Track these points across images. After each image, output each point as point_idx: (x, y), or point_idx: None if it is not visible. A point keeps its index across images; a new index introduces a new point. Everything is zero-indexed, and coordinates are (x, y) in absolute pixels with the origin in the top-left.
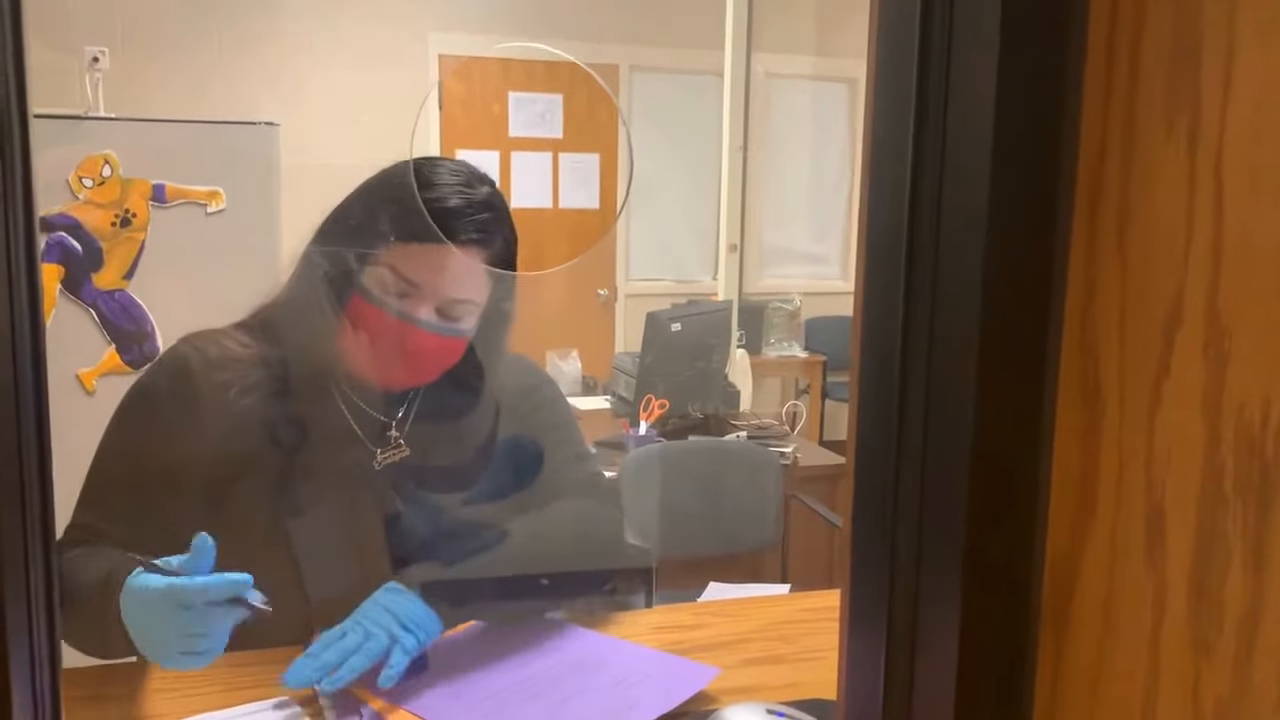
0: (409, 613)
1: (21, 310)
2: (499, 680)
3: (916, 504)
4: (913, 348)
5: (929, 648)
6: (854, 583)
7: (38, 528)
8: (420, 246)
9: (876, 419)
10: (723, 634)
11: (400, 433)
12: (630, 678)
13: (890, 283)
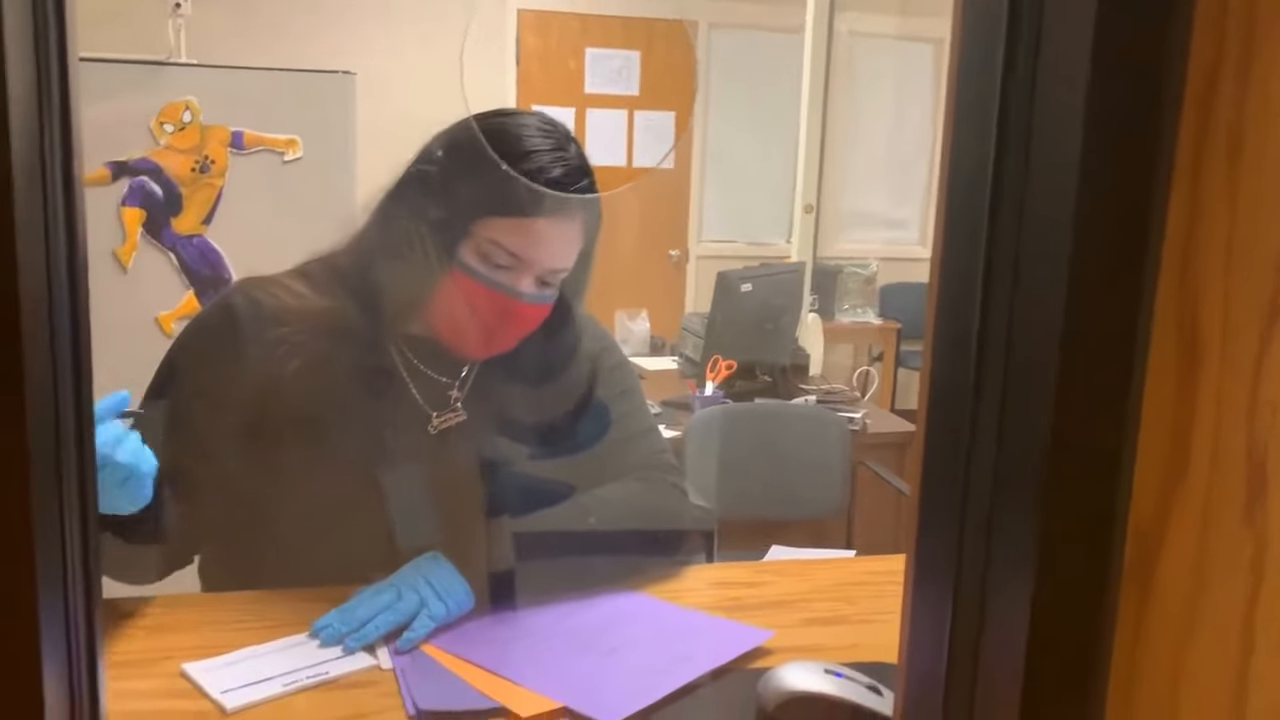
0: (443, 582)
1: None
2: (547, 628)
3: (991, 463)
4: (994, 294)
5: (999, 614)
6: (920, 545)
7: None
8: (527, 221)
9: (951, 372)
10: (782, 593)
11: (460, 394)
12: (680, 634)
13: (972, 225)
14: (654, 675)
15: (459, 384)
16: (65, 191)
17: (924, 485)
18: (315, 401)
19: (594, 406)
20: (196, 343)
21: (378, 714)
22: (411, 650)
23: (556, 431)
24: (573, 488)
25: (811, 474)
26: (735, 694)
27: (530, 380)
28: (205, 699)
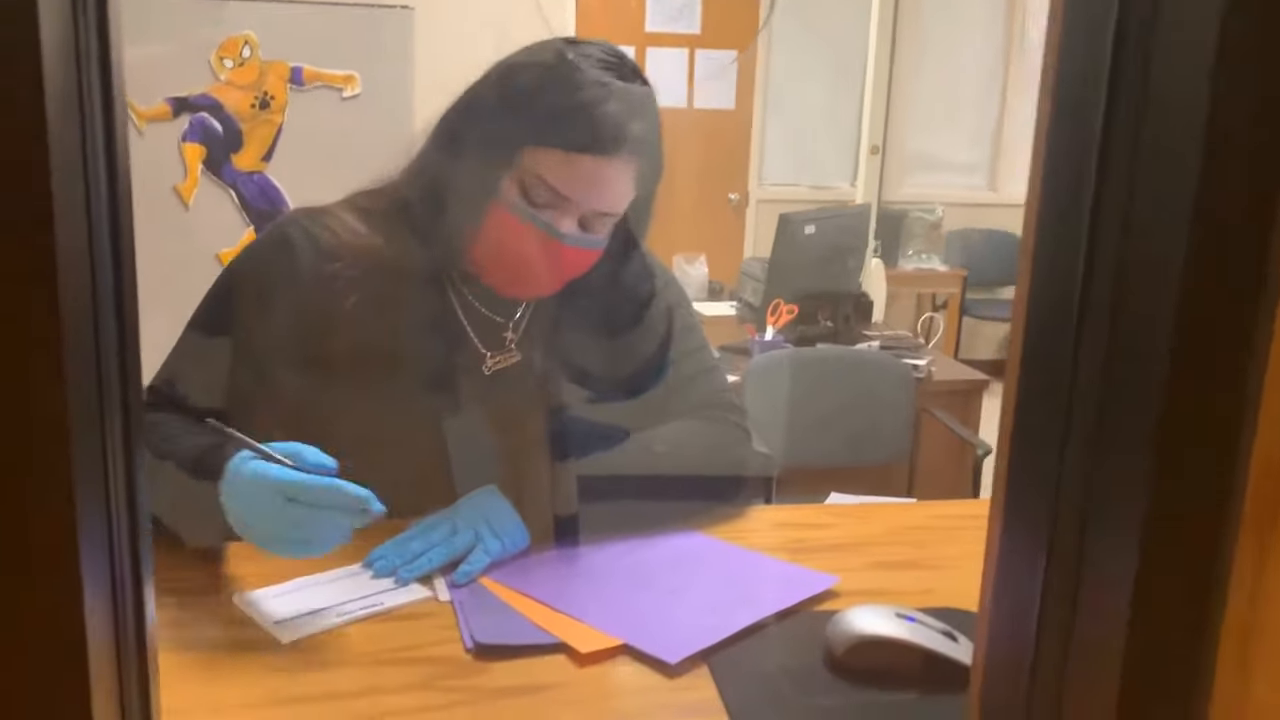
0: (499, 519)
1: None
2: (606, 565)
3: (1094, 404)
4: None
5: (1099, 562)
6: (1011, 485)
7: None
8: (574, 156)
9: (1052, 293)
10: (847, 536)
11: (514, 335)
12: (743, 576)
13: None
14: (717, 616)
15: (513, 325)
16: (105, 123)
17: (1018, 422)
18: (371, 338)
19: (654, 345)
20: (253, 270)
21: (434, 645)
22: (468, 584)
23: (615, 372)
24: (631, 428)
25: (873, 421)
26: (801, 637)
27: (588, 321)
28: (259, 629)
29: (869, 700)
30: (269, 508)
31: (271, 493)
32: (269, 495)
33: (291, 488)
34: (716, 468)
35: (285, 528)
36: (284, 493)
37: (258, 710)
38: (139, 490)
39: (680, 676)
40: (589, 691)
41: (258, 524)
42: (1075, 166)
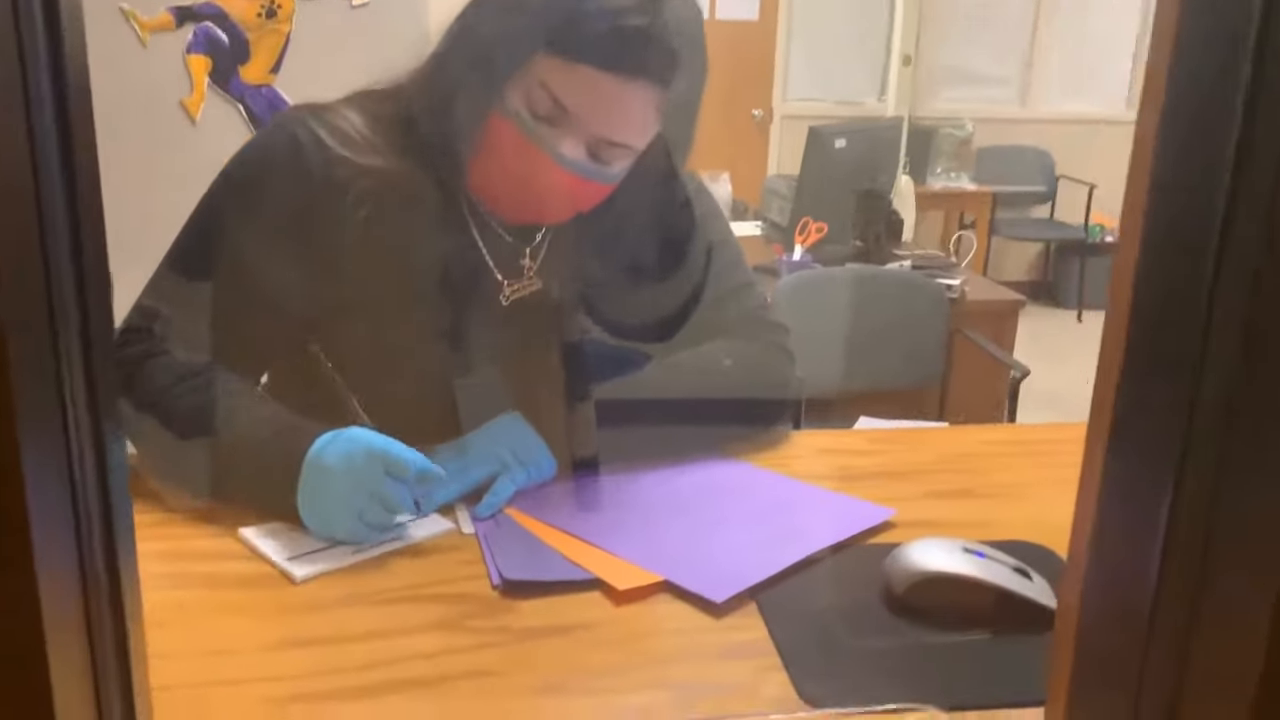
0: (525, 447)
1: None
2: (642, 496)
3: (1238, 317)
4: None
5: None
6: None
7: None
8: (583, 68)
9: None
10: (898, 463)
11: (533, 263)
12: (790, 508)
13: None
14: (764, 550)
15: (530, 251)
16: (50, 32)
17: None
18: (382, 257)
19: (686, 260)
20: (257, 174)
21: (458, 582)
22: (492, 516)
23: (644, 295)
24: (663, 350)
25: (904, 344)
26: (857, 573)
27: (614, 253)
28: (269, 566)
29: (933, 642)
30: (364, 479)
31: (374, 462)
32: (370, 465)
33: (397, 463)
34: (756, 390)
35: (370, 505)
36: (388, 466)
37: (268, 654)
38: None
39: (726, 616)
40: (626, 632)
41: (341, 498)
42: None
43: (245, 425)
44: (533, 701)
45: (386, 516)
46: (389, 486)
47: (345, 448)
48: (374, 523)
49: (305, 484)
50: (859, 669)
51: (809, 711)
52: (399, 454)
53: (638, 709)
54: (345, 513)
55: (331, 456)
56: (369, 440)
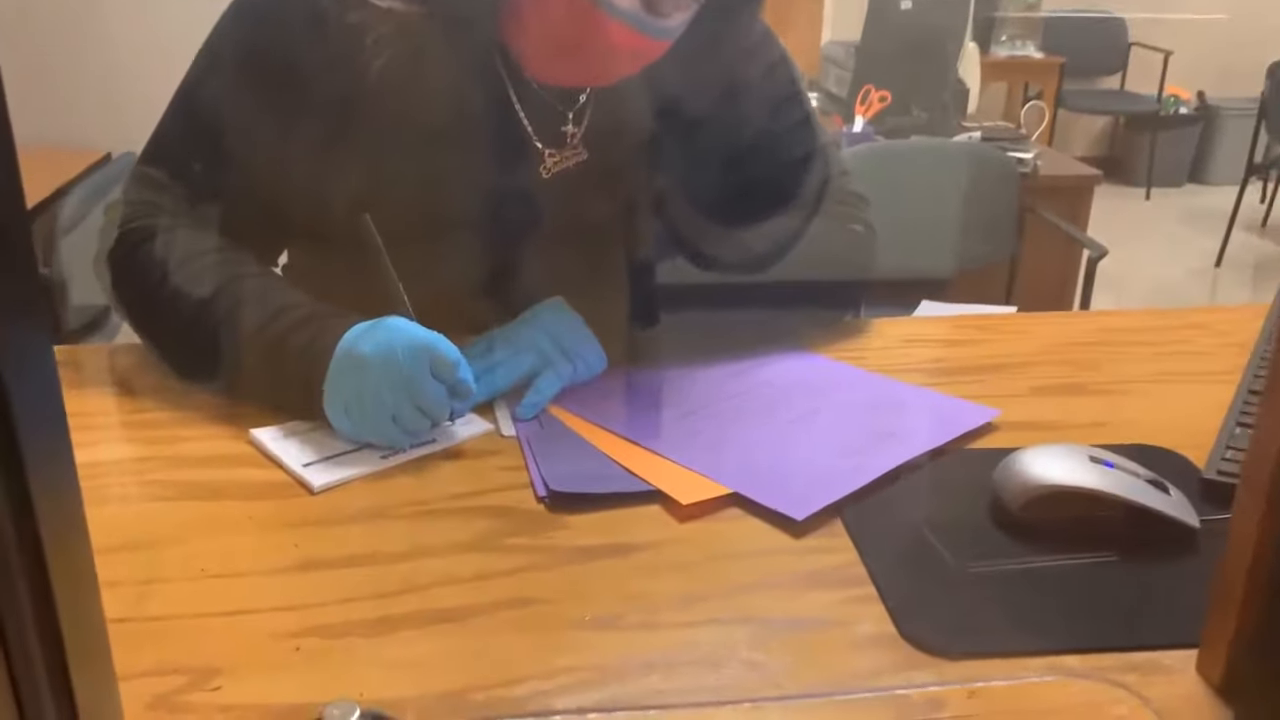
0: (570, 338)
1: None
2: (705, 395)
3: None
4: None
5: None
6: None
7: None
8: None
9: None
10: (995, 354)
11: (577, 129)
12: (876, 408)
13: None
14: (851, 458)
15: (573, 116)
16: None
17: None
18: (401, 114)
19: (753, 120)
20: (262, 14)
21: (496, 493)
22: (535, 416)
23: (704, 164)
24: (730, 227)
25: (971, 222)
26: (960, 485)
27: (668, 106)
28: (283, 473)
29: (1053, 566)
30: (404, 375)
31: (417, 357)
32: (418, 359)
33: (446, 362)
34: (835, 270)
35: (406, 406)
36: (433, 363)
37: (281, 576)
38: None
39: (807, 536)
40: (691, 554)
41: (374, 395)
42: None
43: (265, 309)
44: (583, 636)
45: (422, 420)
46: (431, 387)
47: (384, 338)
48: (410, 428)
49: (334, 377)
50: (969, 601)
51: (932, 682)
52: (446, 350)
53: (707, 647)
54: (378, 412)
55: (367, 346)
56: (411, 332)
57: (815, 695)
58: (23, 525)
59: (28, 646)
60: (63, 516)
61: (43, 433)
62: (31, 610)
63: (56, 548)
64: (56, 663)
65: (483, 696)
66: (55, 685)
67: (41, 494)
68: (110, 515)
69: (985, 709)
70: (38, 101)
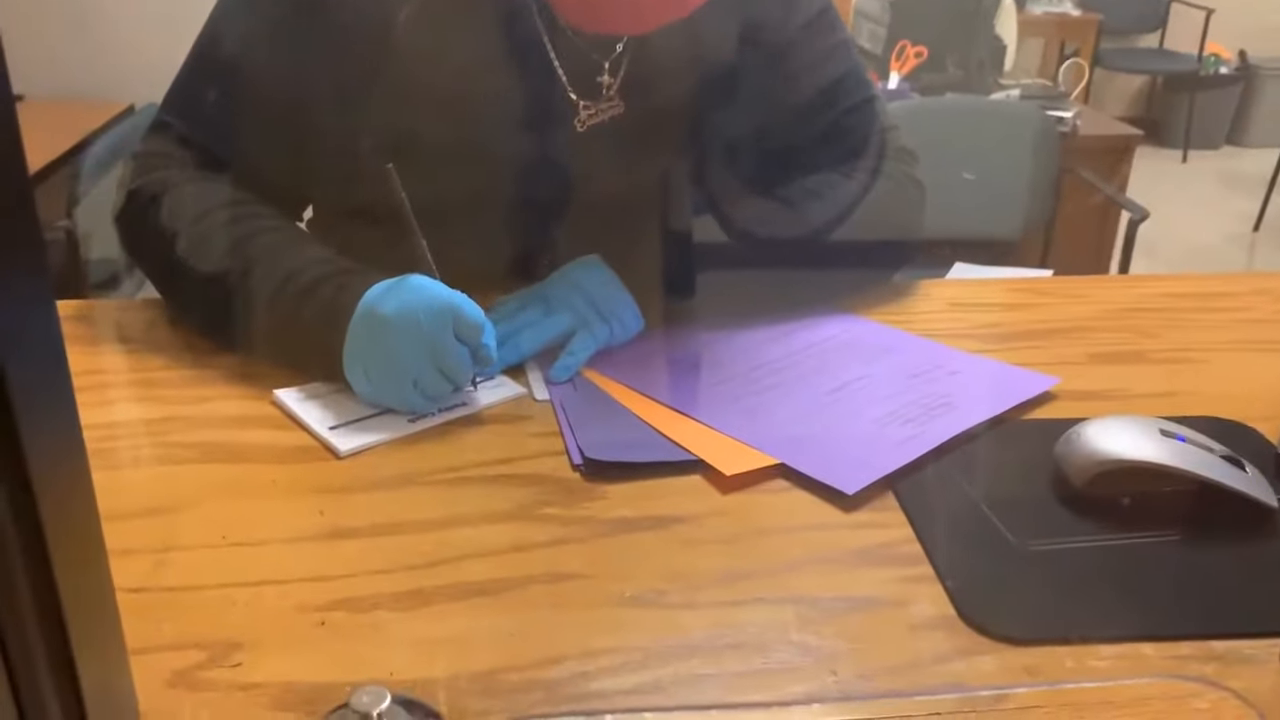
0: (606, 298)
1: None
2: (746, 359)
3: None
4: None
5: None
6: None
7: None
8: None
9: None
10: (1050, 318)
11: (613, 81)
12: (929, 375)
13: None
14: (901, 428)
15: (609, 66)
16: None
17: None
18: (429, 59)
19: (797, 70)
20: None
21: (532, 460)
22: (570, 380)
23: (746, 115)
24: (772, 183)
25: (1009, 182)
26: (1019, 458)
27: (708, 56)
28: (307, 437)
29: (1121, 546)
30: (426, 338)
31: (440, 319)
32: (441, 320)
33: (471, 324)
34: (882, 229)
35: (428, 370)
36: (457, 325)
37: (306, 545)
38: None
39: (859, 510)
40: (736, 527)
41: (395, 357)
42: None
43: (282, 266)
44: (623, 615)
45: (445, 385)
46: (454, 350)
47: (406, 298)
48: (431, 392)
49: (354, 338)
50: (1032, 582)
51: (997, 669)
52: (470, 311)
53: (754, 628)
54: (400, 376)
55: (389, 307)
56: (435, 292)
57: (880, 695)
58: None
59: (23, 623)
60: (64, 481)
61: (40, 391)
62: (28, 583)
63: (56, 515)
64: (57, 640)
65: (517, 678)
66: (56, 664)
67: (39, 458)
68: (126, 479)
69: (1054, 700)
70: (61, 53)
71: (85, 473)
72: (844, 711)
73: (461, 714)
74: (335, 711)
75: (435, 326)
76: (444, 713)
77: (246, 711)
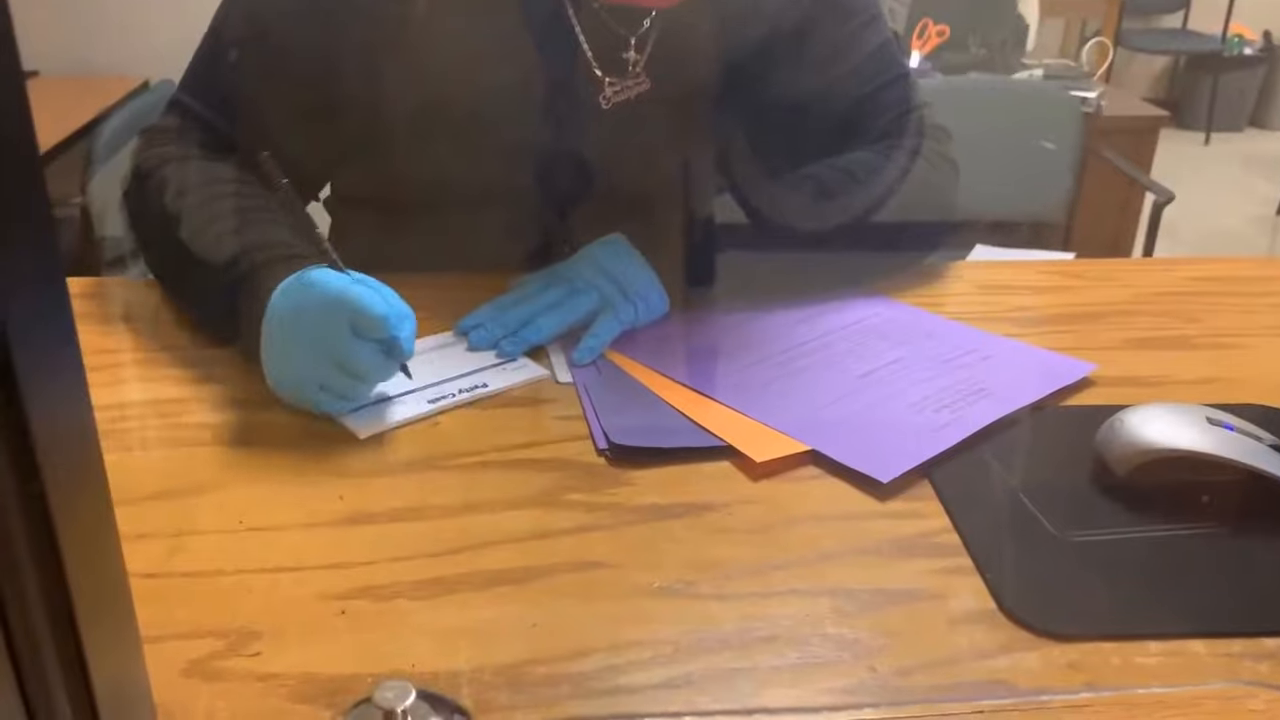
0: (631, 278)
1: None
2: (775, 341)
3: None
4: None
5: None
6: None
7: None
8: None
9: None
10: (1085, 302)
11: (640, 56)
12: (963, 360)
13: None
14: (936, 414)
15: (636, 42)
16: None
17: None
18: (455, 30)
19: (826, 45)
20: None
21: (557, 444)
22: (593, 362)
23: (775, 92)
24: (800, 161)
25: (1032, 163)
26: (1058, 446)
27: (736, 31)
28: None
29: (1166, 538)
30: (322, 337)
31: (333, 316)
32: (334, 319)
33: (369, 319)
34: (916, 209)
35: (332, 372)
36: (356, 322)
37: (325, 530)
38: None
39: (894, 499)
40: (767, 516)
41: (295, 360)
42: None
43: (229, 251)
44: (652, 606)
45: (354, 385)
46: (353, 349)
47: (298, 297)
48: (341, 393)
49: (265, 339)
50: (1074, 575)
51: (1041, 666)
52: (367, 305)
53: (789, 621)
54: (301, 380)
55: (284, 306)
56: (327, 287)
57: (921, 701)
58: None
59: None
60: (75, 466)
61: (48, 373)
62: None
63: (66, 501)
64: (66, 632)
65: (544, 671)
66: (65, 658)
67: (47, 442)
68: (139, 462)
69: (1101, 699)
70: (76, 28)
71: (97, 457)
72: (885, 711)
73: (486, 708)
74: (358, 706)
75: (328, 326)
76: (468, 707)
77: (265, 703)
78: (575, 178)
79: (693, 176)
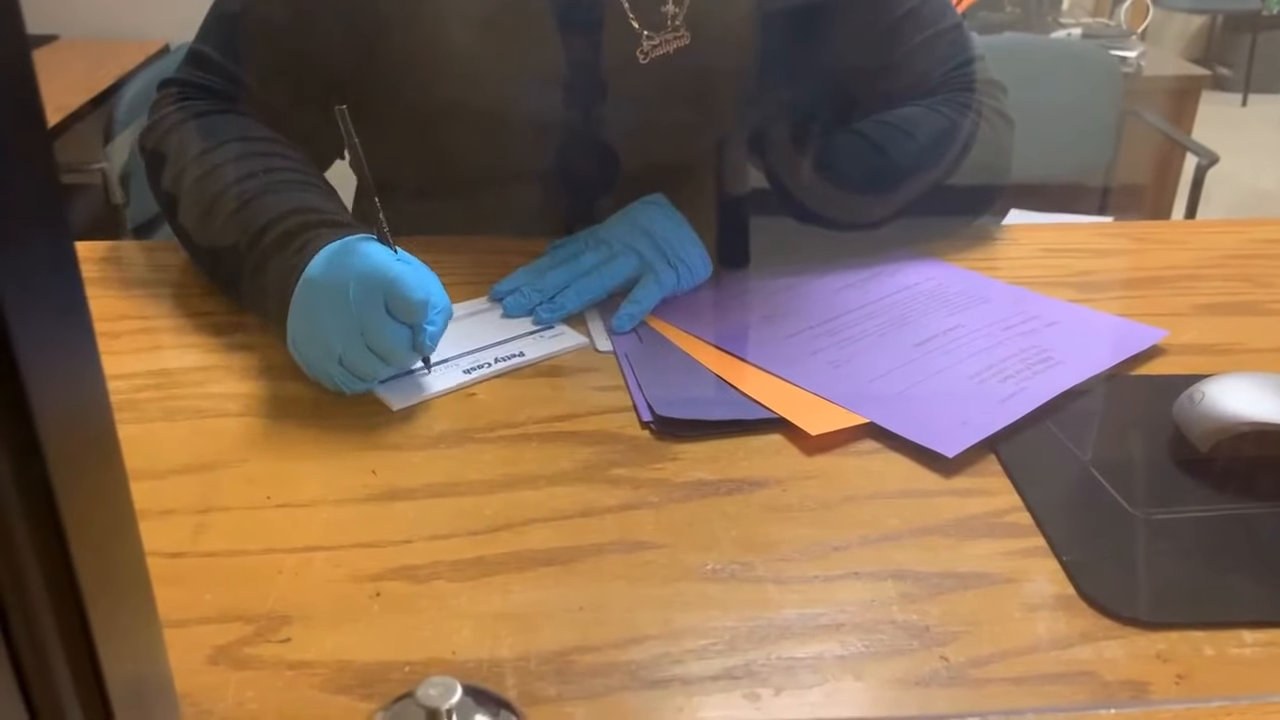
0: (672, 240)
1: None
2: (825, 307)
3: None
4: None
5: None
6: None
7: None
8: None
9: None
10: (1149, 265)
11: (678, 9)
12: (1027, 327)
13: None
14: (1001, 385)
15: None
16: None
17: None
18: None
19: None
20: None
21: (599, 416)
22: (633, 329)
23: (823, 45)
24: (848, 118)
25: (1069, 125)
26: (1133, 418)
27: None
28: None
29: (1253, 516)
30: (353, 310)
31: (374, 293)
32: (371, 291)
33: (406, 301)
34: (972, 168)
35: (355, 346)
36: (391, 300)
37: (357, 507)
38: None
39: (959, 475)
40: (825, 493)
41: (319, 329)
42: None
43: (259, 218)
44: (704, 589)
45: (375, 365)
46: (384, 328)
47: (343, 265)
48: (358, 371)
49: (295, 304)
50: (1156, 557)
51: (1127, 657)
52: (408, 287)
53: (853, 607)
54: (323, 351)
55: (323, 273)
56: (375, 261)
57: (1005, 714)
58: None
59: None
60: (83, 443)
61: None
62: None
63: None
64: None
65: (593, 659)
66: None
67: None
68: (161, 434)
69: (1197, 694)
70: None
71: (110, 432)
72: (964, 705)
73: (533, 700)
74: (399, 701)
75: (364, 300)
76: (513, 699)
77: (297, 693)
78: (613, 135)
79: (734, 134)
